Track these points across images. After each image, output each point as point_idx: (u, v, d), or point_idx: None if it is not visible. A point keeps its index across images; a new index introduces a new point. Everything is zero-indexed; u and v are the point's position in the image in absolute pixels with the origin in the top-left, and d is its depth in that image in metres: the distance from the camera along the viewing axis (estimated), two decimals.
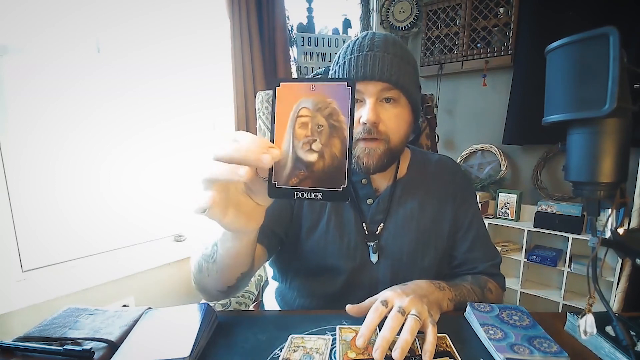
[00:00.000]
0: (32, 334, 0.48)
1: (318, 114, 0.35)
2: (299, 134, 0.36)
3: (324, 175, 0.36)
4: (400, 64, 0.61)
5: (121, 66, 1.45)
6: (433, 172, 0.75)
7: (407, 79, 0.62)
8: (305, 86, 0.35)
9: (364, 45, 0.62)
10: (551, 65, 0.43)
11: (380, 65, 0.59)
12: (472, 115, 2.12)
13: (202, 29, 1.70)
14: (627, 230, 0.44)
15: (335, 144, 0.36)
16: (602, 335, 0.46)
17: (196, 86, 1.72)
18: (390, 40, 0.63)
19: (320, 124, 0.35)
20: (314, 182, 0.36)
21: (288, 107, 0.36)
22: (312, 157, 0.36)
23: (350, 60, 0.62)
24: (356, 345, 0.45)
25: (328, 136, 0.35)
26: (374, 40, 0.62)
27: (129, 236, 1.52)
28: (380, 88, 0.60)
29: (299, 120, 0.36)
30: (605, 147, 0.40)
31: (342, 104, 0.35)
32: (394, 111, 0.62)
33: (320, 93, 0.35)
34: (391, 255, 0.69)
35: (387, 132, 0.61)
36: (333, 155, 0.36)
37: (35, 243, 1.25)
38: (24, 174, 1.21)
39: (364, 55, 0.61)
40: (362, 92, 0.61)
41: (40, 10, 1.23)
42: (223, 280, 0.53)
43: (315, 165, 0.36)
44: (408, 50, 0.66)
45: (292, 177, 0.36)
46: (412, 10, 2.20)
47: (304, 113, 0.36)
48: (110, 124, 1.43)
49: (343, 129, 0.35)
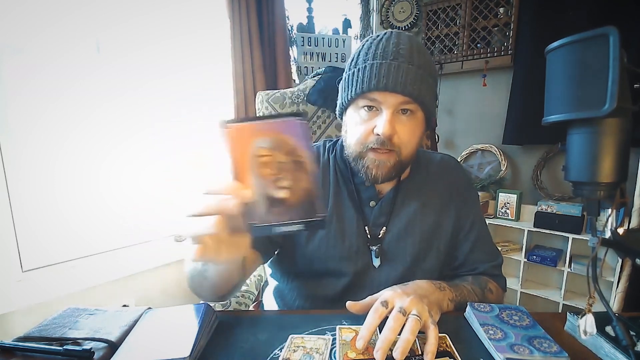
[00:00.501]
0: (32, 334, 0.48)
1: (277, 152, 0.35)
2: (264, 174, 0.35)
3: (300, 207, 0.36)
4: (423, 76, 0.58)
5: (121, 66, 1.45)
6: (435, 172, 0.75)
7: (427, 93, 0.59)
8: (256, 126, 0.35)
9: (388, 52, 0.58)
10: (551, 65, 0.43)
11: (404, 78, 0.56)
12: (472, 115, 2.12)
13: (202, 29, 1.70)
14: (627, 230, 0.44)
15: (302, 178, 0.35)
16: (602, 335, 0.46)
17: (196, 86, 1.72)
18: (415, 48, 0.59)
19: (282, 161, 0.35)
20: (292, 215, 0.36)
21: (243, 149, 0.35)
22: (283, 194, 0.36)
23: (372, 67, 0.58)
24: (356, 347, 0.45)
25: (293, 172, 0.35)
26: (399, 46, 0.58)
27: (129, 236, 1.52)
28: (400, 101, 0.58)
29: (259, 160, 0.35)
30: (605, 147, 0.40)
31: (300, 139, 0.35)
32: (409, 124, 0.60)
33: (274, 131, 0.34)
34: (394, 259, 0.68)
35: (400, 145, 0.60)
36: (303, 188, 0.36)
37: (35, 243, 1.25)
38: (24, 174, 1.21)
39: (388, 64, 0.57)
40: (380, 101, 0.59)
41: (40, 10, 1.23)
42: (216, 292, 0.57)
43: (288, 201, 0.36)
44: (430, 57, 0.62)
45: (268, 215, 0.36)
46: (412, 10, 2.20)
47: (263, 152, 0.35)
48: (110, 124, 1.43)
49: (307, 162, 0.35)
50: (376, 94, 0.58)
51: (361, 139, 0.61)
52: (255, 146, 0.34)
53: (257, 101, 1.16)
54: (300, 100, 1.12)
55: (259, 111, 1.16)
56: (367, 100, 0.60)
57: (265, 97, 1.15)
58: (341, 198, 0.70)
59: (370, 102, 0.60)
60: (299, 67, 2.09)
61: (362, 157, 0.62)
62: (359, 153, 0.62)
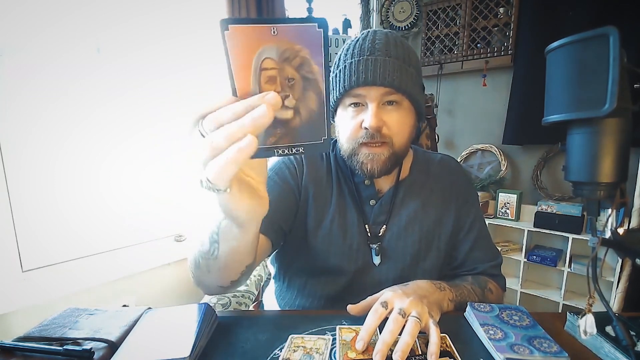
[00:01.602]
0: (32, 334, 0.48)
1: (286, 64, 0.30)
2: (267, 90, 0.30)
3: (303, 130, 0.33)
4: (402, 66, 0.59)
5: (121, 66, 1.45)
6: (435, 172, 0.75)
7: (409, 82, 0.60)
8: (265, 29, 0.29)
9: (365, 49, 0.60)
10: (551, 65, 0.43)
11: (382, 70, 0.58)
12: (472, 115, 2.12)
13: (202, 29, 1.70)
14: (627, 230, 0.44)
15: (310, 97, 0.32)
16: (602, 335, 0.46)
17: (196, 86, 1.72)
18: (391, 41, 0.61)
19: (290, 77, 0.30)
20: (293, 138, 0.33)
21: (247, 58, 0.29)
22: (288, 114, 0.32)
23: (351, 65, 0.60)
24: (356, 348, 0.45)
25: (302, 90, 0.31)
26: (375, 42, 0.60)
27: (129, 236, 1.52)
28: (382, 92, 0.59)
29: (264, 74, 0.30)
30: (605, 147, 0.40)
31: (313, 50, 0.30)
32: (396, 114, 0.61)
33: (285, 39, 0.29)
34: (394, 258, 0.68)
35: (391, 136, 0.61)
36: (310, 110, 0.32)
37: (35, 243, 1.25)
38: (24, 174, 1.21)
39: (365, 59, 0.59)
40: (364, 96, 0.60)
41: (40, 10, 1.23)
42: (226, 276, 0.52)
43: (292, 122, 0.32)
44: (410, 48, 0.63)
45: (269, 136, 0.32)
46: (412, 10, 2.20)
47: (269, 65, 0.30)
48: (110, 124, 1.43)
49: (318, 80, 0.31)
50: (358, 89, 0.59)
51: (351, 135, 0.62)
52: (262, 56, 0.29)
53: None
54: None
55: None
56: (352, 97, 0.61)
57: None
58: (343, 196, 0.71)
59: (355, 98, 0.61)
60: None
61: (356, 153, 0.62)
62: (352, 150, 0.63)
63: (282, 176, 0.70)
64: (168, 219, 1.65)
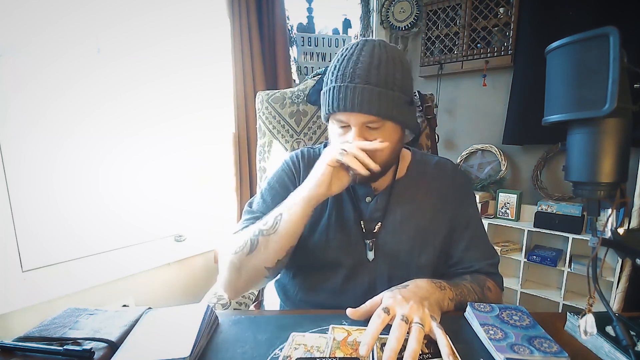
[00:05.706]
0: (32, 334, 0.48)
1: None
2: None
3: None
4: (382, 92, 0.59)
5: (121, 66, 1.44)
6: (432, 173, 0.76)
7: (389, 106, 0.60)
8: None
9: (346, 74, 0.60)
10: (551, 65, 0.43)
11: (360, 99, 0.59)
12: (472, 115, 2.12)
13: (202, 29, 1.70)
14: (627, 230, 0.44)
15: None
16: (602, 335, 0.46)
17: (196, 86, 1.71)
18: (374, 63, 0.60)
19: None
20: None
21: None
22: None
23: (333, 90, 0.61)
24: (360, 353, 0.45)
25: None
26: (357, 65, 0.60)
27: (129, 236, 1.52)
28: (362, 120, 0.61)
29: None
30: (605, 147, 0.40)
31: None
32: (379, 135, 0.63)
33: None
34: (388, 253, 0.70)
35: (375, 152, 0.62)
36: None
37: (35, 243, 1.24)
38: (24, 174, 1.21)
39: (345, 87, 0.59)
40: (346, 121, 0.62)
41: (40, 10, 1.23)
42: (278, 250, 0.63)
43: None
44: (396, 65, 0.61)
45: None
46: (412, 10, 2.20)
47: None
48: (110, 124, 1.43)
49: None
50: (340, 115, 0.62)
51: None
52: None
53: (257, 101, 1.16)
54: (300, 101, 1.12)
55: (259, 111, 1.16)
56: (336, 119, 0.64)
57: (265, 97, 1.15)
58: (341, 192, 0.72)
59: (339, 121, 0.64)
60: (299, 67, 2.09)
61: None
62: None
63: (283, 184, 0.76)
64: (168, 219, 1.65)
